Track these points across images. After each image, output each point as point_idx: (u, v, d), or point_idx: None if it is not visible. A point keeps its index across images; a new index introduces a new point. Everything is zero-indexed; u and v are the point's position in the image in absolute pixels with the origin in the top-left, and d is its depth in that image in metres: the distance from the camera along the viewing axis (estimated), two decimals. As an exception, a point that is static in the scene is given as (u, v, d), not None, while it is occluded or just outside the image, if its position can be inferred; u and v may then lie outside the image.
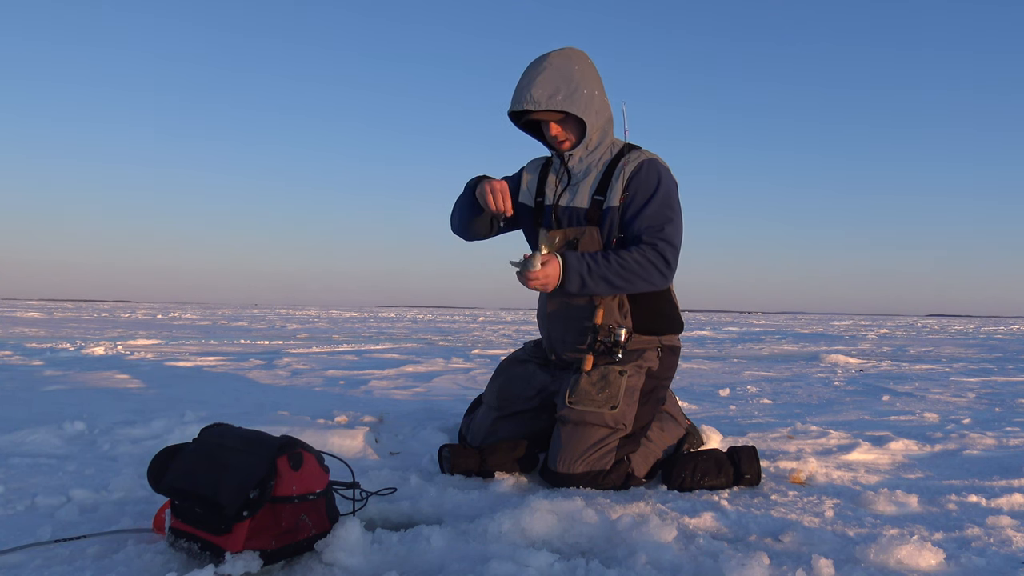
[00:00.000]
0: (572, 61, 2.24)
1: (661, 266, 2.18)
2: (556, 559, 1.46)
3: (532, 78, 2.21)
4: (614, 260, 2.15)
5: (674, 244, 2.22)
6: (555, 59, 2.23)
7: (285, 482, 1.46)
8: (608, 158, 2.32)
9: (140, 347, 8.07)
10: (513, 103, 2.25)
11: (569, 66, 2.22)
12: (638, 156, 2.29)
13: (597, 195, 2.28)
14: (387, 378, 5.16)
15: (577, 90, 2.20)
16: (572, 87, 2.20)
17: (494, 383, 2.51)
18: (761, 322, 33.43)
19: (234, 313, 31.96)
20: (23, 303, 61.37)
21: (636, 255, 2.16)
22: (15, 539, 1.57)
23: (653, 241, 2.18)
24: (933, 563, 1.51)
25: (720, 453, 2.19)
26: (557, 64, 2.22)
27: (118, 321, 18.15)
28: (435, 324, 21.66)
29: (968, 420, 3.48)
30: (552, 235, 2.22)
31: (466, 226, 2.46)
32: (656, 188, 2.23)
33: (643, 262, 2.16)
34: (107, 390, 4.18)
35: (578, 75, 2.22)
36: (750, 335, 15.37)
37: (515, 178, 2.51)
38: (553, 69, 2.21)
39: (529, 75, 2.22)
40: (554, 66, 2.21)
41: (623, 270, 2.15)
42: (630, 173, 2.24)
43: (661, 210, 2.22)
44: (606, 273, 2.14)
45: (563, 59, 2.23)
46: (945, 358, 8.73)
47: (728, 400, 4.29)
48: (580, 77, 2.22)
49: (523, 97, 2.20)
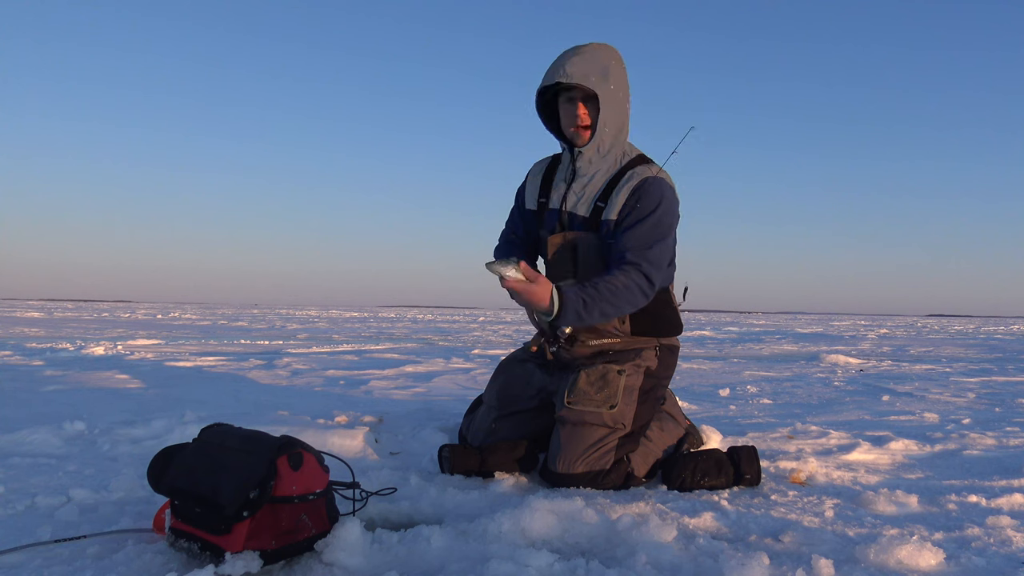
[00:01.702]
0: (611, 55, 2.25)
1: (645, 287, 2.16)
2: (556, 559, 1.46)
3: (568, 57, 2.21)
4: (605, 289, 2.10)
5: (659, 264, 2.19)
6: (595, 47, 2.24)
7: (285, 482, 1.46)
8: (616, 168, 2.30)
9: (140, 347, 8.07)
10: (545, 78, 2.23)
11: (607, 57, 2.23)
12: (644, 172, 2.26)
13: (599, 202, 2.27)
14: (387, 378, 5.16)
15: (608, 80, 2.21)
16: (605, 75, 2.20)
17: (494, 383, 2.51)
18: (761, 322, 33.44)
19: (234, 313, 31.97)
20: (23, 303, 61.38)
21: (623, 279, 2.12)
22: (15, 539, 1.57)
23: (638, 261, 2.15)
24: (933, 563, 1.51)
25: (720, 453, 2.19)
26: (597, 52, 2.23)
27: (118, 321, 18.16)
28: (435, 324, 21.67)
29: (968, 420, 3.48)
30: (524, 268, 2.07)
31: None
32: (654, 208, 2.19)
33: (630, 285, 2.13)
34: (107, 390, 4.18)
35: (613, 69, 2.23)
36: (750, 335, 15.38)
37: (522, 188, 2.53)
38: (592, 54, 2.21)
39: (565, 55, 2.22)
40: (593, 52, 2.22)
41: (614, 297, 2.11)
42: (632, 188, 2.22)
43: (654, 230, 2.19)
44: (601, 305, 2.10)
45: (603, 50, 2.24)
46: (945, 358, 8.73)
47: (728, 400, 4.29)
48: (613, 71, 2.23)
49: (557, 71, 2.19)
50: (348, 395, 4.21)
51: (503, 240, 2.58)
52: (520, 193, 2.53)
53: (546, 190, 2.42)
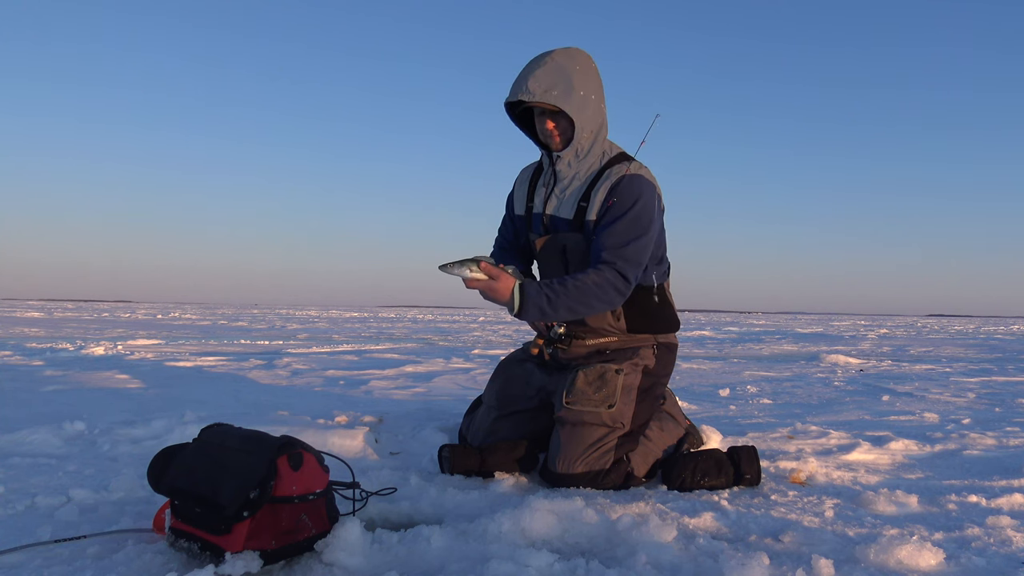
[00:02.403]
0: (575, 61, 2.22)
1: (620, 285, 2.15)
2: (556, 559, 1.46)
3: (531, 70, 2.19)
4: (572, 287, 2.10)
5: (637, 262, 2.18)
6: (558, 56, 2.22)
7: (285, 482, 1.46)
8: (597, 168, 2.29)
9: (140, 347, 8.07)
10: (510, 94, 2.24)
11: (570, 65, 2.21)
12: (622, 169, 2.25)
13: (582, 202, 2.27)
14: (387, 378, 5.16)
15: (573, 89, 2.19)
16: (568, 85, 2.19)
17: (493, 383, 2.51)
18: (761, 322, 33.44)
19: (234, 313, 31.97)
20: (23, 303, 61.37)
21: (595, 277, 2.12)
22: (15, 539, 1.57)
23: (613, 259, 2.14)
24: (933, 563, 1.51)
25: (720, 453, 2.19)
26: (559, 61, 2.20)
27: (118, 321, 18.16)
28: (435, 324, 21.67)
29: (968, 420, 3.48)
30: (485, 267, 2.10)
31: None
32: (632, 205, 2.18)
33: (602, 283, 2.12)
34: (107, 390, 4.18)
35: (578, 75, 2.21)
36: (750, 335, 15.38)
37: (511, 196, 2.55)
38: (554, 65, 2.19)
39: (529, 67, 2.21)
40: (555, 62, 2.20)
41: (582, 294, 2.10)
42: (610, 186, 2.22)
43: (630, 227, 2.17)
44: (567, 302, 2.10)
45: (566, 58, 2.22)
46: (945, 358, 8.73)
47: (728, 400, 4.29)
48: (579, 78, 2.21)
49: (520, 88, 2.19)
50: (348, 395, 4.21)
51: (496, 247, 2.60)
52: (509, 200, 2.55)
53: (532, 195, 2.43)
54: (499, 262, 2.39)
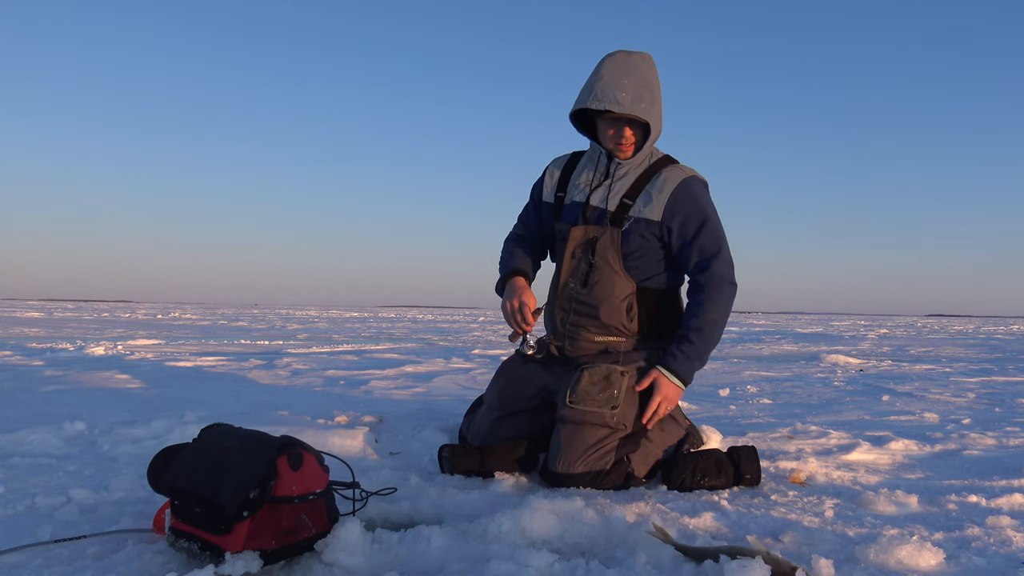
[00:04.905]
0: (652, 70, 2.23)
1: (730, 290, 2.29)
2: (556, 559, 1.46)
3: (618, 78, 2.16)
4: (697, 325, 2.25)
5: (730, 260, 2.31)
6: (640, 63, 2.20)
7: (285, 482, 1.46)
8: (645, 166, 2.32)
9: (140, 347, 8.07)
10: (593, 100, 2.17)
11: (651, 75, 2.22)
12: (679, 174, 2.28)
13: (626, 198, 2.28)
14: (387, 378, 5.16)
15: (656, 101, 2.22)
16: (652, 97, 2.20)
17: (495, 383, 2.51)
18: (761, 322, 33.43)
19: (234, 313, 31.98)
20: (23, 303, 61.38)
21: (711, 295, 2.26)
22: (15, 539, 1.57)
23: (713, 267, 2.26)
24: (933, 563, 1.51)
25: (720, 453, 2.19)
26: (643, 70, 2.20)
27: (118, 321, 18.16)
28: (435, 324, 21.67)
29: (968, 420, 3.48)
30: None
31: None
32: (706, 214, 2.27)
33: (717, 299, 2.26)
34: (107, 390, 4.18)
35: (656, 86, 2.23)
36: (750, 335, 15.37)
37: (539, 183, 2.53)
38: (640, 74, 2.18)
39: (614, 74, 2.17)
40: (640, 71, 2.19)
41: (712, 325, 2.26)
42: (672, 192, 2.24)
43: (713, 234, 2.27)
44: (706, 346, 2.27)
45: (647, 66, 2.22)
46: (945, 358, 8.73)
47: (728, 400, 4.29)
48: (658, 88, 2.24)
49: (607, 96, 2.15)
50: (348, 395, 4.21)
51: (513, 235, 2.60)
52: (537, 187, 2.53)
53: (564, 185, 2.43)
54: (516, 248, 2.47)
